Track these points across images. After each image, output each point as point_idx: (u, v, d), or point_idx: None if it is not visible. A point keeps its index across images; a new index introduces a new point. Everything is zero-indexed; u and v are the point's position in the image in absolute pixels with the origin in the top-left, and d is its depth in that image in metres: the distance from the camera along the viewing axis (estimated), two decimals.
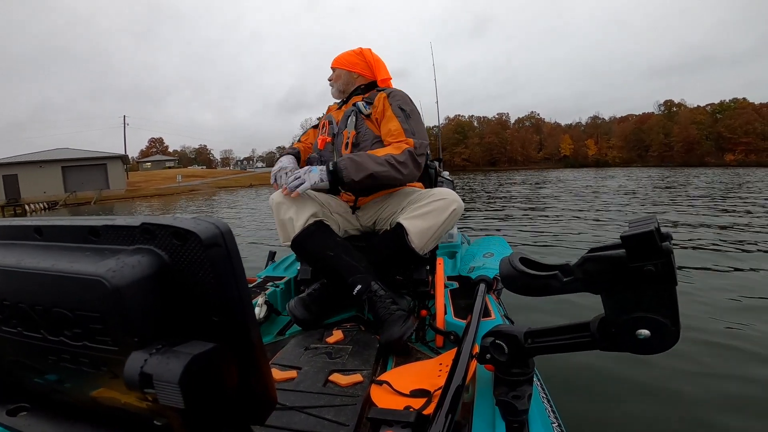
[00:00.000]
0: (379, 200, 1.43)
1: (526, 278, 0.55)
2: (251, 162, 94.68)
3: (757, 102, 55.15)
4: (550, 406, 0.74)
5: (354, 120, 1.42)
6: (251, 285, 1.46)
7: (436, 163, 2.04)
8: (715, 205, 7.28)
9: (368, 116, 1.43)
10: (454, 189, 1.84)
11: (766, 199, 7.92)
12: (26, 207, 19.97)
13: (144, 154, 73.29)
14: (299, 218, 1.27)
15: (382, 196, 1.43)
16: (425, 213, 1.26)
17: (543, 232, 5.10)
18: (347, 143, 1.40)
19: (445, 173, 2.06)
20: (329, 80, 1.58)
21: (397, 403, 0.75)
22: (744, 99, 56.11)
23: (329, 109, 1.65)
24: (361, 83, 1.54)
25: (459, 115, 70.56)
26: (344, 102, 1.60)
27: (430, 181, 1.91)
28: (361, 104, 1.44)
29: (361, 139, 1.40)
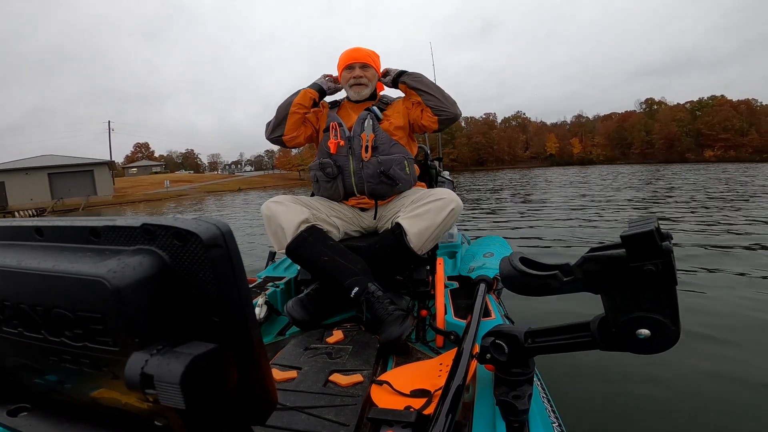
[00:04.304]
0: (395, 200, 1.46)
1: (526, 278, 0.55)
2: (239, 166, 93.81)
3: (735, 99, 55.62)
4: (551, 406, 0.74)
5: (371, 124, 1.44)
6: (251, 285, 1.46)
7: (437, 163, 2.04)
8: None
9: (379, 120, 1.47)
10: (454, 189, 1.84)
11: None
12: (16, 214, 19.68)
13: (129, 159, 71.44)
14: (290, 226, 1.28)
15: (396, 197, 1.47)
16: (423, 213, 1.26)
17: (543, 231, 5.10)
18: (366, 146, 1.42)
19: (446, 173, 2.06)
20: (362, 78, 1.51)
21: (398, 403, 0.75)
22: (722, 96, 56.46)
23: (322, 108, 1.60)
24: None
25: None
26: (337, 104, 1.59)
27: (431, 180, 1.91)
28: (376, 109, 1.49)
29: (379, 142, 1.44)
